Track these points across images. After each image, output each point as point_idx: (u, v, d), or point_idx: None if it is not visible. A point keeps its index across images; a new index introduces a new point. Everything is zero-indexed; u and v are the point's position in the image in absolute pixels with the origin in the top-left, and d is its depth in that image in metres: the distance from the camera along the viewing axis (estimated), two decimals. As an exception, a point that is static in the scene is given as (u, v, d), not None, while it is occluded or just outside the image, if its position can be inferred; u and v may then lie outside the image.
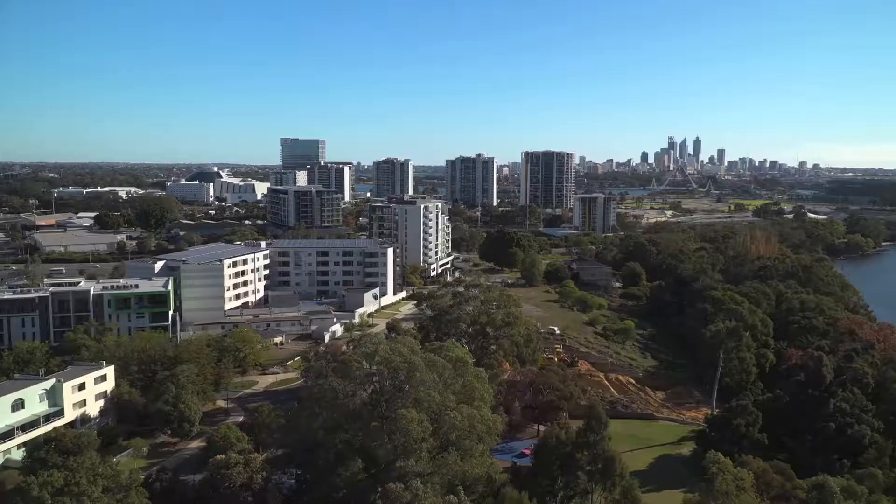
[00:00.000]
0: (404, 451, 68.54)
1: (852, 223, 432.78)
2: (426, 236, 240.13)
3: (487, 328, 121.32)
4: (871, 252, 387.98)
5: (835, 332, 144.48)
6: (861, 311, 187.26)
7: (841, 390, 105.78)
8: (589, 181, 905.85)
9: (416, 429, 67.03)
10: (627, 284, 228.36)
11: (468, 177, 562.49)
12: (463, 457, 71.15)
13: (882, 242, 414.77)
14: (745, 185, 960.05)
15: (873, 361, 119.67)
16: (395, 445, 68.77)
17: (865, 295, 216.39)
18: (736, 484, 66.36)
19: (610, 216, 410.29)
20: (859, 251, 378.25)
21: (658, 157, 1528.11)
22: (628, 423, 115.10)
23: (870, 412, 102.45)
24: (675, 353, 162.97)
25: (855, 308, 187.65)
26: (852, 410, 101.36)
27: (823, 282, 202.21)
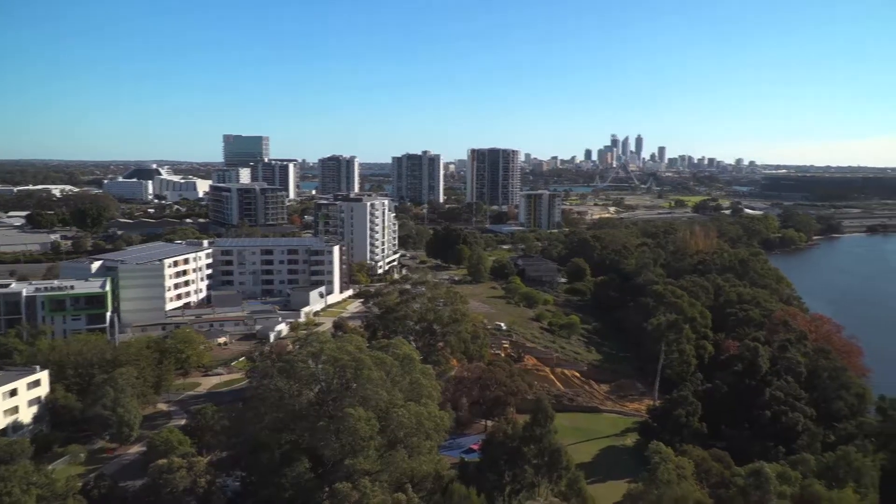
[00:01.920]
0: (352, 450, 68.07)
1: (786, 218, 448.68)
2: (373, 234, 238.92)
3: (434, 325, 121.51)
4: (803, 246, 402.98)
5: (770, 324, 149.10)
6: (794, 302, 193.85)
7: (776, 379, 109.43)
8: (534, 178, 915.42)
9: (363, 427, 66.65)
10: (572, 280, 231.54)
11: (415, 174, 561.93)
12: (411, 454, 71.08)
13: (813, 236, 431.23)
14: (685, 181, 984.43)
15: (806, 351, 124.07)
16: (343, 444, 68.24)
17: (798, 287, 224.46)
18: (677, 472, 68.09)
19: (555, 213, 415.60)
20: (792, 245, 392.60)
21: (601, 155, 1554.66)
22: (574, 417, 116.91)
23: (802, 400, 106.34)
24: (618, 346, 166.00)
25: (788, 300, 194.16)
26: (786, 399, 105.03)
27: (759, 275, 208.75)
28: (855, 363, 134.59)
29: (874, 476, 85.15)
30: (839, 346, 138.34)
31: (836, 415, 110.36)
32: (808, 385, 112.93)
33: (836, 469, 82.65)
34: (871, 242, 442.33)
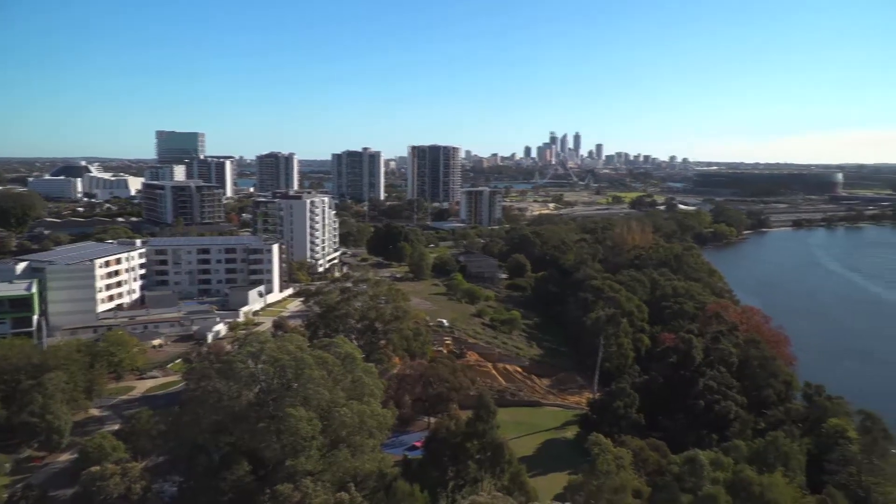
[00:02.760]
0: (293, 451, 67.16)
1: (717, 213, 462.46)
2: (313, 232, 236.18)
3: (376, 323, 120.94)
4: (734, 240, 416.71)
5: (703, 316, 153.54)
6: (726, 295, 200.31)
7: (709, 370, 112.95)
8: (475, 175, 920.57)
9: (305, 427, 65.87)
10: (513, 276, 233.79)
11: (355, 171, 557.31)
12: (354, 453, 70.60)
13: (743, 231, 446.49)
14: (622, 178, 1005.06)
15: (737, 342, 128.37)
16: (284, 445, 67.27)
17: (729, 280, 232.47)
18: (616, 463, 69.52)
19: (495, 209, 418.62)
20: (724, 239, 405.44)
21: (541, 152, 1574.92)
22: (516, 411, 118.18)
23: (734, 389, 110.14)
24: (559, 340, 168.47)
25: (720, 293, 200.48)
26: (719, 388, 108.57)
27: (693, 269, 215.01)
28: (782, 352, 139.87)
29: (801, 460, 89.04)
30: (768, 336, 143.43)
31: (766, 402, 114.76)
32: (739, 374, 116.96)
33: (766, 454, 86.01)
34: (797, 236, 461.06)
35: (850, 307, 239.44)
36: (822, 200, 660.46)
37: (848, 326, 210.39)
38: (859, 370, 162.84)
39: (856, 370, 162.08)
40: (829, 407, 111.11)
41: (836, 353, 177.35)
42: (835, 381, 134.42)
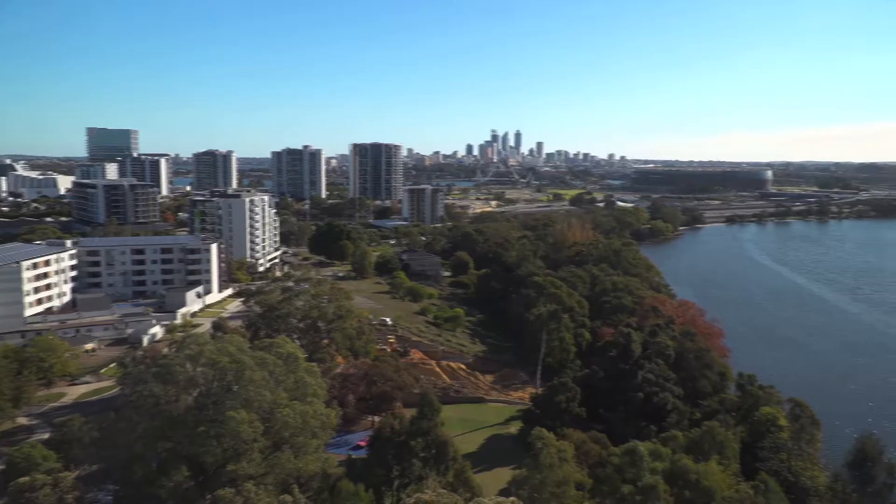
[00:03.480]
0: (235, 454, 65.81)
1: (654, 210, 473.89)
2: (253, 231, 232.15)
3: (319, 322, 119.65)
4: (670, 236, 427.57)
5: (641, 310, 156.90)
6: (663, 289, 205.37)
7: (647, 363, 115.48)
8: (417, 173, 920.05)
9: (246, 430, 64.60)
10: (456, 273, 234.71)
11: (295, 169, 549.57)
12: (297, 454, 69.64)
13: (679, 227, 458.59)
14: (562, 175, 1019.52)
15: (674, 335, 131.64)
16: (225, 449, 65.81)
17: (666, 275, 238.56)
18: (559, 456, 70.37)
19: (438, 207, 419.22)
20: (661, 235, 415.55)
21: (482, 150, 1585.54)
22: (460, 408, 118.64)
23: (671, 381, 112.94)
24: (502, 337, 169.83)
25: (658, 287, 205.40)
26: (657, 380, 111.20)
27: (631, 264, 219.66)
28: (717, 344, 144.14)
29: (735, 448, 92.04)
30: (703, 329, 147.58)
31: (701, 393, 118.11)
32: (676, 366, 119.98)
33: (702, 443, 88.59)
34: (730, 231, 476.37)
35: (779, 298, 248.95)
36: (752, 197, 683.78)
37: (776, 317, 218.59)
38: (787, 358, 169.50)
39: (784, 358, 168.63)
40: (760, 396, 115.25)
41: (766, 343, 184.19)
42: (765, 369, 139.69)
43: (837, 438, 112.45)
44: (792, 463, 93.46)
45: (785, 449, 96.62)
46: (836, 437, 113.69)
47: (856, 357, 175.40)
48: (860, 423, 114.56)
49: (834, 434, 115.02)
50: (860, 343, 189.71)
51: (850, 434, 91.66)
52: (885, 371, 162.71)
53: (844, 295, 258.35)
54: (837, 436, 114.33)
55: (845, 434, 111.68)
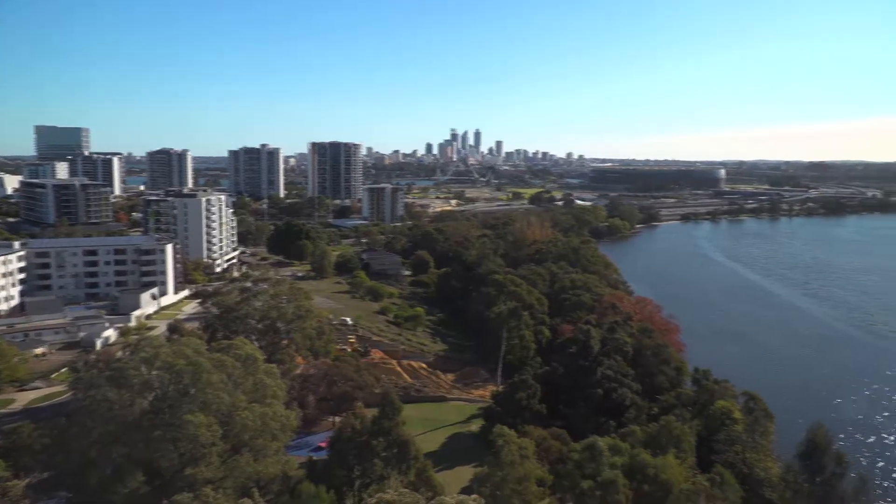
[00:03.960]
0: (192, 459, 64.74)
1: (612, 208, 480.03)
2: (209, 231, 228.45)
3: (278, 323, 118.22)
4: (627, 234, 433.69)
5: (600, 307, 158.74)
6: (621, 286, 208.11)
7: (606, 359, 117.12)
8: (377, 172, 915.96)
9: (204, 433, 63.57)
10: (417, 272, 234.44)
11: (253, 168, 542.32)
12: (256, 457, 68.83)
13: (636, 225, 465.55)
14: (521, 174, 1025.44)
15: (632, 331, 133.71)
16: (182, 453, 64.72)
17: (624, 272, 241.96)
18: (520, 453, 70.93)
19: (398, 206, 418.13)
20: (618, 233, 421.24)
21: (442, 149, 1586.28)
22: (421, 407, 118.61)
23: (630, 376, 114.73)
24: (463, 335, 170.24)
25: (616, 284, 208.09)
26: (616, 376, 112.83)
27: (590, 262, 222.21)
28: (673, 340, 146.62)
29: (691, 441, 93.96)
30: (660, 325, 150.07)
31: (659, 388, 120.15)
32: (634, 362, 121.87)
33: (660, 437, 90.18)
34: (685, 229, 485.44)
35: (732, 294, 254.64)
36: (707, 195, 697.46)
37: (730, 312, 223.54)
38: (741, 353, 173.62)
39: (737, 353, 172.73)
40: (715, 390, 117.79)
41: (721, 338, 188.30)
42: (720, 364, 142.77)
43: (789, 430, 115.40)
44: (746, 455, 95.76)
45: (739, 441, 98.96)
46: (788, 428, 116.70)
47: (805, 350, 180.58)
48: (810, 415, 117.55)
49: (786, 425, 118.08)
50: (809, 336, 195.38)
51: (801, 425, 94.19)
52: (832, 363, 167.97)
53: (794, 290, 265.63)
54: (789, 427, 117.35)
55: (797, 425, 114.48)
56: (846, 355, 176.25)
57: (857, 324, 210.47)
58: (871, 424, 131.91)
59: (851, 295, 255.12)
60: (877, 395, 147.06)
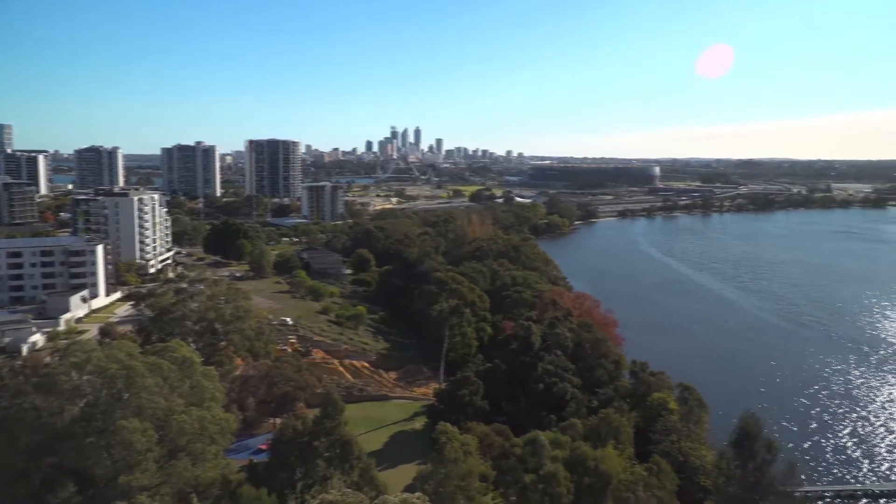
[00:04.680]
0: (127, 466, 62.65)
1: (551, 205, 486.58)
2: (142, 231, 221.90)
3: (216, 324, 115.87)
4: (566, 230, 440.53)
5: (540, 303, 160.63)
6: (560, 282, 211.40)
7: (547, 354, 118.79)
8: (316, 170, 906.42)
9: (139, 439, 61.63)
10: (358, 271, 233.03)
11: (188, 166, 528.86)
12: (194, 462, 67.13)
13: (575, 222, 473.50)
14: (462, 172, 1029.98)
15: (571, 326, 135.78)
16: (116, 460, 62.56)
17: (563, 268, 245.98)
18: (463, 450, 71.27)
19: (338, 204, 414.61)
20: (557, 230, 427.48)
21: (382, 146, 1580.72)
22: (364, 406, 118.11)
23: (570, 371, 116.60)
24: (405, 334, 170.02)
25: (556, 280, 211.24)
26: (556, 371, 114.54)
27: (530, 258, 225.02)
28: (611, 334, 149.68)
29: (629, 433, 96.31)
30: (599, 320, 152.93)
31: (598, 381, 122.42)
32: (574, 357, 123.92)
33: (599, 430, 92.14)
34: (621, 225, 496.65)
35: (667, 288, 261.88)
36: (642, 192, 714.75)
37: (665, 305, 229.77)
38: (676, 345, 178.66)
39: (673, 345, 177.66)
40: (652, 382, 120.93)
41: (657, 331, 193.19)
42: (656, 356, 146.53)
43: (722, 418, 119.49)
44: (682, 444, 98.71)
45: (675, 431, 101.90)
46: (721, 417, 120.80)
47: (736, 341, 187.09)
48: (742, 403, 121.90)
49: (719, 414, 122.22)
50: (740, 327, 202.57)
51: (733, 413, 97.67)
52: (761, 353, 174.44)
53: (726, 283, 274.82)
54: (722, 416, 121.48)
55: (730, 413, 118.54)
56: (774, 345, 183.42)
57: (783, 315, 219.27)
58: (797, 410, 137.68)
59: (778, 287, 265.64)
60: (802, 382, 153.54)
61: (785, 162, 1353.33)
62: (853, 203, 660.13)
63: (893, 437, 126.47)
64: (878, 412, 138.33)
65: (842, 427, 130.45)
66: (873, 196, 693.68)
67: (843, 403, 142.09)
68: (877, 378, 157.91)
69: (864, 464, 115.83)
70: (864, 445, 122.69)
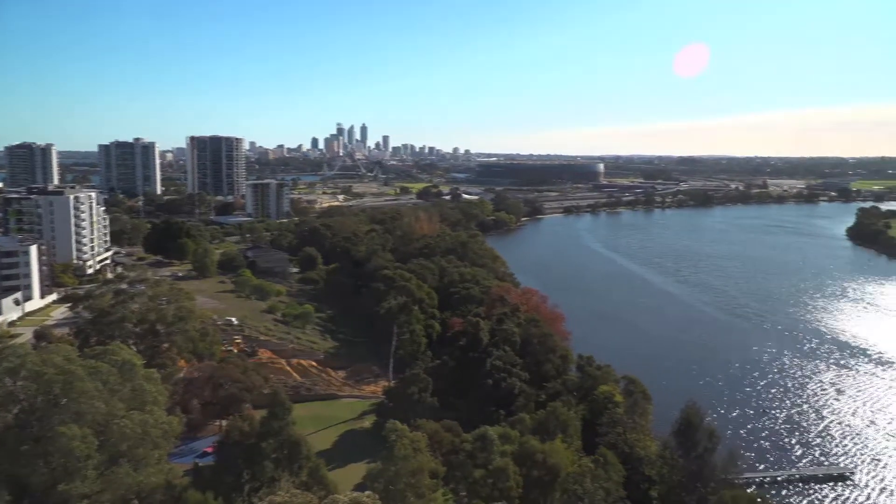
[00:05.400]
0: (65, 473, 60.56)
1: (498, 202, 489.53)
2: (79, 230, 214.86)
3: (158, 325, 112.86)
4: (513, 227, 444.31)
5: (489, 299, 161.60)
6: (508, 278, 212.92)
7: (495, 350, 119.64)
8: (261, 167, 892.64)
9: (78, 446, 59.65)
10: (305, 269, 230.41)
11: (126, 163, 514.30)
12: (137, 467, 65.36)
13: (522, 218, 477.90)
14: (409, 169, 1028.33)
15: (519, 322, 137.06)
16: (54, 468, 60.43)
17: (510, 264, 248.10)
18: (413, 447, 71.20)
19: (283, 202, 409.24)
20: (505, 226, 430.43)
21: (328, 143, 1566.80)
22: (312, 406, 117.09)
23: (518, 366, 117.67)
24: (353, 332, 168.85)
25: (503, 276, 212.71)
26: (505, 366, 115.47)
27: (478, 255, 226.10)
28: (558, 328, 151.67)
29: (577, 426, 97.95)
30: (546, 315, 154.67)
31: (546, 376, 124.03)
32: (522, 352, 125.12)
33: (548, 424, 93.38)
34: (567, 221, 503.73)
35: (611, 282, 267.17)
36: (587, 188, 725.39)
37: (610, 299, 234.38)
38: (620, 338, 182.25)
39: (617, 338, 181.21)
40: (598, 376, 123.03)
41: (602, 325, 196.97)
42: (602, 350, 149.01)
43: (666, 409, 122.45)
44: (627, 436, 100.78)
45: (621, 423, 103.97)
46: (665, 407, 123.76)
47: (678, 333, 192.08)
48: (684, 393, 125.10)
49: (663, 405, 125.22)
50: (681, 320, 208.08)
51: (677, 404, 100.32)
52: (702, 344, 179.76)
53: (667, 277, 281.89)
54: (666, 406, 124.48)
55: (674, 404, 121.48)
56: (714, 336, 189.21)
57: (722, 307, 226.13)
58: (736, 398, 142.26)
59: (717, 280, 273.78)
60: (740, 371, 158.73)
61: (723, 159, 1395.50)
62: (788, 199, 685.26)
63: (824, 422, 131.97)
64: (810, 398, 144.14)
65: (777, 413, 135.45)
66: (806, 192, 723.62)
67: (777, 391, 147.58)
68: (809, 366, 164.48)
69: (797, 449, 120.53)
70: (798, 431, 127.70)
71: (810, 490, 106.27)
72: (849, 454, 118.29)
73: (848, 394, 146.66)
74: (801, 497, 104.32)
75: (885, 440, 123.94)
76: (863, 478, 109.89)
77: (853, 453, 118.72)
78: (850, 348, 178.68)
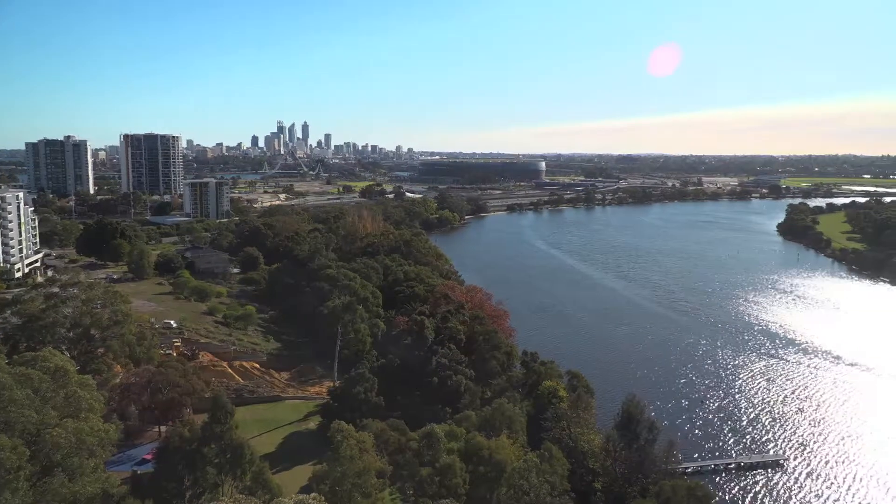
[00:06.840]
0: (-5, 486, 58.09)
1: (441, 200, 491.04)
2: (5, 232, 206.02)
3: (92, 330, 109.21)
4: (457, 225, 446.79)
5: (433, 298, 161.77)
6: (452, 276, 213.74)
7: (440, 348, 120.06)
8: (199, 166, 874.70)
9: (9, 457, 57.19)
10: (246, 269, 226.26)
11: (56, 162, 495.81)
12: (71, 477, 63.10)
13: (465, 216, 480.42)
14: (352, 167, 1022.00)
15: (464, 319, 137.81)
16: (-18, 481, 57.88)
17: (455, 262, 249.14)
18: (359, 447, 70.87)
19: (223, 201, 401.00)
20: (448, 225, 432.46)
21: (269, 142, 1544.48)
22: (256, 408, 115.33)
23: (463, 363, 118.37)
24: (297, 333, 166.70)
25: (447, 274, 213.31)
26: (450, 364, 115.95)
27: (422, 253, 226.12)
28: (503, 325, 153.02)
29: (522, 421, 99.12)
30: (490, 312, 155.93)
31: (491, 373, 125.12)
32: (467, 349, 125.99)
33: (493, 420, 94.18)
34: (510, 219, 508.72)
35: (554, 278, 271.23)
36: (530, 186, 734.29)
37: (552, 295, 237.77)
38: (564, 333, 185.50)
39: (561, 333, 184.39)
40: (543, 371, 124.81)
41: (545, 320, 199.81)
42: (546, 345, 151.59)
43: (608, 402, 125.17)
44: (571, 430, 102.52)
45: (565, 418, 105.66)
46: (607, 401, 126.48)
47: (619, 328, 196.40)
48: (625, 387, 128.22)
49: (605, 399, 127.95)
50: (621, 314, 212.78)
51: (619, 397, 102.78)
52: (641, 338, 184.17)
53: (607, 273, 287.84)
54: (608, 400, 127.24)
55: (616, 397, 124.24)
56: (653, 329, 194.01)
57: (661, 302, 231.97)
58: (672, 390, 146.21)
59: (655, 275, 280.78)
60: (677, 364, 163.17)
61: (660, 157, 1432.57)
62: (722, 195, 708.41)
63: (755, 410, 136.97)
64: (742, 388, 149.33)
65: (711, 404, 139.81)
66: (739, 189, 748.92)
67: (712, 381, 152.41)
68: (741, 356, 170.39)
69: (731, 438, 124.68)
70: (731, 420, 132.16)
71: (744, 477, 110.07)
72: (779, 441, 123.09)
73: (777, 382, 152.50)
74: (735, 484, 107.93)
75: (812, 427, 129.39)
76: (793, 464, 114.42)
77: (783, 440, 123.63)
78: (779, 339, 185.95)
